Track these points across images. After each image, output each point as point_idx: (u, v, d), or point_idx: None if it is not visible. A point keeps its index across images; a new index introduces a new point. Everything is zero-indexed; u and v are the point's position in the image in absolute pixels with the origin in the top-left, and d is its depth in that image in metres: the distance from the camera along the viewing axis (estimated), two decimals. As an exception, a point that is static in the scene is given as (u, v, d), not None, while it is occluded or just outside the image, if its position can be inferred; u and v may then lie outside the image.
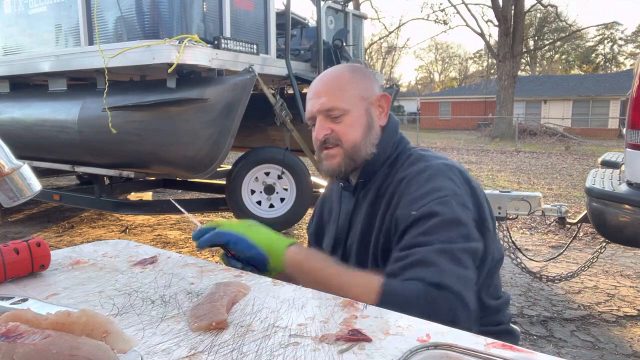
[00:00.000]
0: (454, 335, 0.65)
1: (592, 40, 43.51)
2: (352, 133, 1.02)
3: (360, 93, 1.04)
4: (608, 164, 3.33)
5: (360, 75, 1.07)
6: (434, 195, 0.92)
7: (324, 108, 1.03)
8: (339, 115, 1.02)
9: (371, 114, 1.05)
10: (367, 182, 1.07)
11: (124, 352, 0.56)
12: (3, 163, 0.76)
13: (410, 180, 0.97)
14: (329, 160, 1.05)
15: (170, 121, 3.23)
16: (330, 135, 1.03)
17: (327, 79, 1.07)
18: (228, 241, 0.95)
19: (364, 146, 1.03)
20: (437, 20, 27.83)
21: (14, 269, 0.87)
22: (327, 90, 1.04)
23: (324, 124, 1.03)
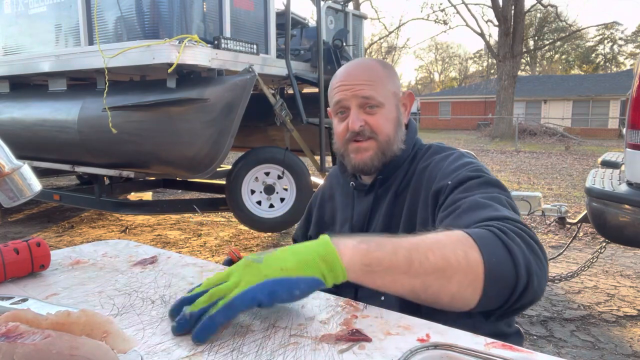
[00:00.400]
0: (454, 335, 0.65)
1: (592, 40, 43.55)
2: (386, 126, 1.00)
3: (392, 88, 1.03)
4: (608, 164, 3.33)
5: (390, 71, 1.05)
6: (466, 167, 0.92)
7: (361, 94, 0.98)
8: (375, 106, 0.99)
9: (400, 111, 1.04)
10: (387, 179, 1.04)
11: (124, 352, 0.56)
12: (3, 163, 0.76)
13: (437, 163, 0.97)
14: (361, 153, 1.01)
15: (170, 121, 3.23)
16: (364, 127, 0.99)
17: (362, 68, 1.02)
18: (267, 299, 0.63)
19: (395, 142, 1.01)
20: (437, 20, 27.85)
21: (14, 269, 0.87)
22: (364, 79, 0.99)
23: (359, 115, 0.99)
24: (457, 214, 0.81)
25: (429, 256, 0.67)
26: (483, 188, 0.86)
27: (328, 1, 4.60)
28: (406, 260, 0.66)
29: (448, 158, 0.97)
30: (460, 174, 0.90)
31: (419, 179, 0.99)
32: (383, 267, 0.66)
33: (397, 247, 0.67)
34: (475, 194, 0.84)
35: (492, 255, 0.68)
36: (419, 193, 0.97)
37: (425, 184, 0.97)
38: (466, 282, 0.68)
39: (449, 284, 0.68)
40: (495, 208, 0.80)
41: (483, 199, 0.82)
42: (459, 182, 0.89)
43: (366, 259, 0.66)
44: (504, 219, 0.76)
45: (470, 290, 0.68)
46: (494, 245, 0.70)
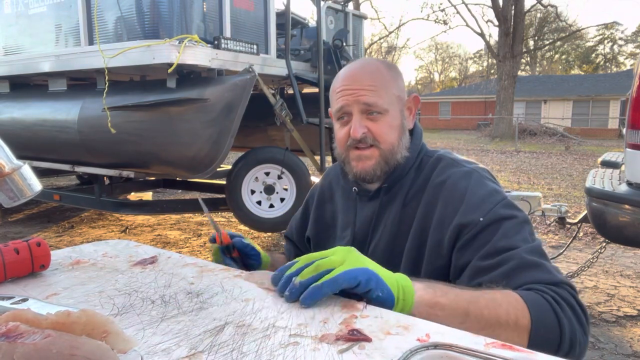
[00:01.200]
0: (454, 335, 0.65)
1: (592, 40, 43.56)
2: (390, 134, 0.95)
3: (397, 92, 0.98)
4: (608, 164, 3.33)
5: (395, 73, 0.99)
6: (493, 199, 0.89)
7: (363, 101, 0.94)
8: (378, 113, 0.94)
9: (405, 116, 1.00)
10: (392, 187, 1.00)
11: (124, 352, 0.56)
12: (3, 163, 0.76)
13: (457, 183, 0.92)
14: (363, 162, 0.96)
15: (170, 121, 3.23)
16: (367, 134, 0.95)
17: (366, 71, 0.96)
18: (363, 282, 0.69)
19: (399, 149, 0.97)
20: (437, 20, 27.81)
21: (14, 269, 0.87)
22: (368, 84, 0.94)
23: (361, 121, 0.95)
24: (506, 270, 0.82)
25: (484, 312, 0.73)
26: (521, 232, 0.86)
27: (328, 1, 4.60)
28: (464, 311, 0.73)
29: (469, 179, 0.93)
30: (493, 210, 0.87)
31: (434, 193, 0.94)
32: (444, 313, 0.73)
33: (458, 298, 0.74)
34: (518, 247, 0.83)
35: (541, 323, 0.75)
36: (433, 210, 0.93)
37: (443, 203, 0.92)
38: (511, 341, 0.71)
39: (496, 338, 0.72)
40: (547, 270, 0.82)
41: (531, 257, 0.82)
42: (493, 221, 0.86)
43: (432, 302, 0.73)
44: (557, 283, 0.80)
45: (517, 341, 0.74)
46: (545, 313, 0.75)
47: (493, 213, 0.87)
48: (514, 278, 0.81)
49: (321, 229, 1.14)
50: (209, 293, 0.82)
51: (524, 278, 0.80)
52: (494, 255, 0.83)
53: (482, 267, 0.84)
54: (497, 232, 0.85)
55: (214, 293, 0.81)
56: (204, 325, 0.69)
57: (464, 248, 0.87)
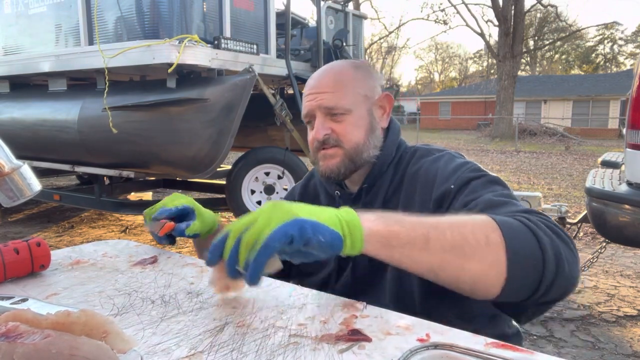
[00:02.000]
0: (454, 335, 0.65)
1: (592, 40, 43.57)
2: (354, 134, 0.96)
3: (363, 92, 0.98)
4: (608, 164, 3.33)
5: (363, 73, 1.00)
6: (462, 168, 0.90)
7: (324, 105, 0.96)
8: (341, 114, 0.96)
9: (373, 115, 1.00)
10: (372, 186, 1.00)
11: (124, 352, 0.56)
12: (3, 163, 0.76)
13: (429, 168, 0.94)
14: (327, 160, 0.97)
15: (170, 121, 3.23)
16: (330, 135, 0.96)
17: (329, 74, 0.99)
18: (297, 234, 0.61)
19: (365, 148, 0.97)
20: (437, 20, 27.87)
21: (14, 269, 0.87)
22: (329, 87, 0.96)
23: (324, 123, 0.96)
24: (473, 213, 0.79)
25: (447, 234, 0.67)
26: (489, 187, 0.85)
27: (328, 1, 4.60)
28: (424, 236, 0.67)
29: (440, 160, 0.94)
30: (461, 176, 0.88)
31: (411, 183, 0.95)
32: (400, 241, 0.66)
33: (415, 224, 0.68)
34: (485, 194, 0.82)
35: (516, 238, 0.68)
36: (413, 198, 0.94)
37: (420, 189, 0.93)
38: (487, 263, 0.67)
39: (468, 263, 0.67)
40: (513, 204, 0.79)
41: (496, 197, 0.80)
42: (463, 184, 0.86)
43: (385, 232, 0.66)
44: (528, 212, 0.75)
45: (494, 274, 0.67)
46: (518, 229, 0.69)
47: (462, 178, 0.87)
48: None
49: None
50: (209, 293, 0.82)
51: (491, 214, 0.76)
52: (461, 208, 0.82)
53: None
54: (465, 192, 0.85)
55: (214, 293, 0.81)
56: (204, 325, 0.69)
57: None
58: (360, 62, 1.05)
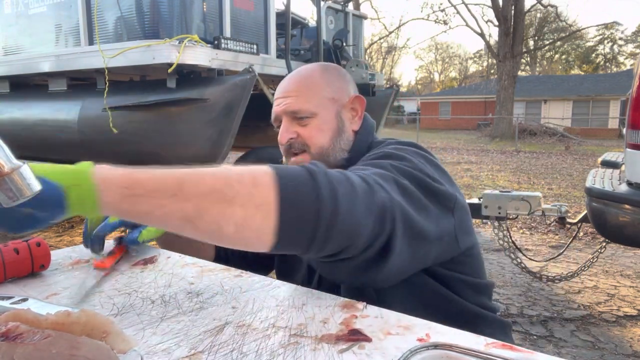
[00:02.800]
0: (454, 335, 0.65)
1: (592, 40, 43.59)
2: (319, 138, 0.95)
3: (330, 95, 0.97)
4: (608, 164, 3.33)
5: (331, 75, 1.00)
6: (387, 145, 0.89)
7: (289, 109, 0.96)
8: (306, 117, 0.95)
9: (342, 118, 0.98)
10: None
11: (124, 352, 0.56)
12: (3, 163, 0.76)
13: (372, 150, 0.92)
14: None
15: (170, 121, 3.23)
16: (295, 140, 0.95)
17: (295, 78, 0.99)
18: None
19: (332, 152, 0.96)
20: (437, 20, 27.88)
21: (14, 269, 0.87)
22: (294, 91, 0.96)
23: (289, 127, 0.96)
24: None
25: (205, 179, 0.60)
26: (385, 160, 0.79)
27: (328, 1, 4.60)
28: (176, 182, 0.59)
29: (384, 146, 0.91)
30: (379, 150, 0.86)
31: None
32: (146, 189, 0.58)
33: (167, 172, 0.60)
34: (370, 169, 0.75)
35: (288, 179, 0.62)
36: None
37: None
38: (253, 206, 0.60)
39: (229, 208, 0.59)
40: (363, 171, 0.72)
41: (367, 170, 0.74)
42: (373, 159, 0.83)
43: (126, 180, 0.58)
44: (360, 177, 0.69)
45: (260, 216, 0.60)
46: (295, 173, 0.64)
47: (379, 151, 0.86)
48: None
49: None
50: (209, 293, 0.82)
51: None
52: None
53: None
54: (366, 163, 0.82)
55: (214, 293, 0.82)
56: (204, 325, 0.69)
57: None
58: (330, 65, 1.04)
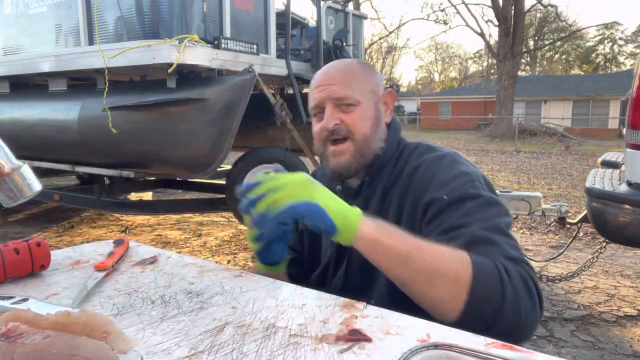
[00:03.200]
0: (454, 335, 0.65)
1: (592, 40, 43.59)
2: (363, 125, 0.98)
3: (370, 86, 1.02)
4: (608, 164, 3.33)
5: (369, 70, 1.05)
6: (461, 179, 0.90)
7: (335, 96, 0.98)
8: (350, 105, 0.98)
9: (379, 109, 1.03)
10: (373, 180, 1.02)
11: (124, 352, 0.56)
12: (3, 163, 0.76)
13: (430, 166, 0.95)
14: (338, 157, 0.99)
15: (170, 121, 3.23)
16: (340, 125, 0.97)
17: (338, 67, 1.03)
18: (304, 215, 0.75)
19: (373, 140, 0.99)
20: (437, 20, 27.86)
21: (14, 269, 0.87)
22: (340, 79, 0.99)
23: (333, 114, 0.98)
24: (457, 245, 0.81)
25: (425, 258, 0.76)
26: (482, 211, 0.86)
27: (328, 1, 4.60)
28: (405, 254, 0.76)
29: (442, 161, 0.95)
30: (457, 190, 0.88)
31: (408, 179, 0.97)
32: (386, 251, 0.76)
33: (403, 241, 0.77)
34: (473, 224, 0.83)
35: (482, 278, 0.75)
36: (406, 195, 0.95)
37: (414, 188, 0.94)
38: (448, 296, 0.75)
39: (432, 290, 0.76)
40: (499, 246, 0.81)
41: (484, 232, 0.82)
42: (457, 200, 0.87)
43: (377, 237, 0.77)
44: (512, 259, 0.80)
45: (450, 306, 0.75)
46: (489, 271, 0.76)
47: (457, 191, 0.88)
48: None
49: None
50: (209, 293, 0.82)
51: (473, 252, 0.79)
52: (448, 232, 0.84)
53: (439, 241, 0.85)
54: (458, 210, 0.86)
55: (214, 293, 0.82)
56: (204, 325, 0.69)
57: (427, 225, 0.90)
58: (363, 61, 1.11)
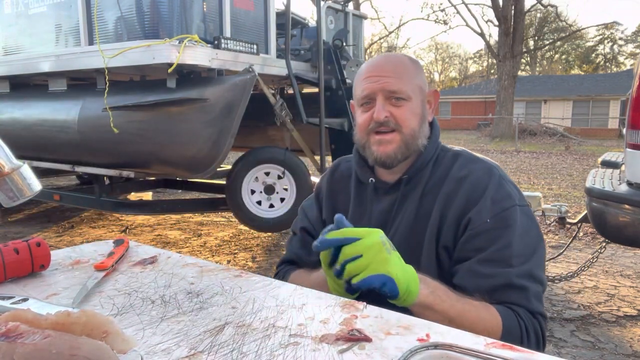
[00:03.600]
0: (454, 335, 0.65)
1: (592, 40, 43.54)
2: (412, 120, 0.99)
3: (419, 83, 1.02)
4: (608, 164, 3.33)
5: (418, 67, 1.05)
6: (505, 203, 0.95)
7: (388, 88, 0.98)
8: (402, 99, 0.98)
9: (425, 107, 1.04)
10: (411, 179, 1.03)
11: (124, 352, 0.56)
12: (3, 163, 0.76)
13: (480, 180, 0.97)
14: (384, 145, 0.99)
15: (170, 121, 3.23)
16: (389, 118, 0.98)
17: (391, 60, 1.03)
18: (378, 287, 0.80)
19: (419, 135, 1.01)
20: (437, 20, 27.84)
21: (14, 269, 0.87)
22: (393, 71, 0.99)
23: (384, 106, 0.98)
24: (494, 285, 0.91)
25: (464, 324, 0.83)
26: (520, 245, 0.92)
27: (328, 1, 4.59)
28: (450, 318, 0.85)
29: (490, 178, 0.98)
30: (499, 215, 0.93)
31: (454, 186, 0.98)
32: (435, 314, 0.85)
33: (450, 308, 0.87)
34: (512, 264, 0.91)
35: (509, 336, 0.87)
36: (451, 203, 0.97)
37: (461, 199, 0.97)
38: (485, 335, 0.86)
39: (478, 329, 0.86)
40: (526, 297, 0.91)
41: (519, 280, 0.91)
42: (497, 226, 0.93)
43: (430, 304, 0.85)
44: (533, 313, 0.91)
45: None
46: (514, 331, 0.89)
47: (500, 217, 0.93)
48: (498, 294, 0.91)
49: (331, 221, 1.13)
50: (209, 293, 0.82)
51: (505, 298, 0.91)
52: (490, 264, 0.92)
53: (477, 272, 0.92)
54: (498, 239, 0.92)
55: (214, 293, 0.82)
56: (204, 325, 0.69)
57: (465, 243, 0.94)
58: (414, 58, 1.08)
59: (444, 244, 0.97)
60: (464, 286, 0.92)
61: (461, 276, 0.94)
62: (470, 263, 0.93)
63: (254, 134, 5.00)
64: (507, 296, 0.91)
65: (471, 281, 0.92)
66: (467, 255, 0.94)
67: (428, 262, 0.98)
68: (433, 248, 0.98)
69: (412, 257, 0.97)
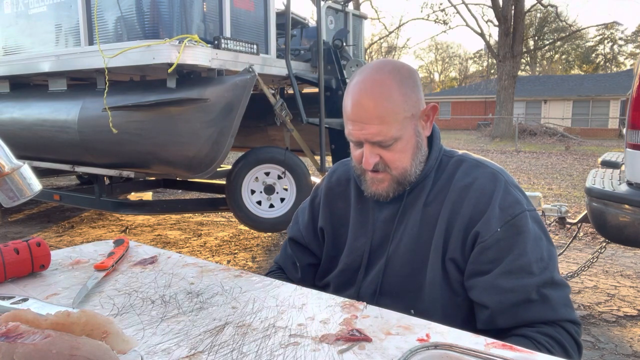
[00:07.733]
0: (454, 335, 0.65)
1: (592, 40, 43.54)
2: (402, 160, 0.97)
3: (409, 112, 0.95)
4: (608, 164, 3.33)
5: (407, 88, 0.95)
6: (513, 210, 0.93)
7: (372, 140, 0.94)
8: (390, 145, 0.95)
9: (419, 131, 0.99)
10: (414, 189, 1.01)
11: (124, 353, 0.56)
12: (3, 163, 0.76)
13: (486, 185, 0.95)
14: (376, 185, 0.99)
15: (170, 121, 3.23)
16: (379, 162, 0.97)
17: (375, 99, 0.93)
18: None
19: (412, 169, 0.99)
20: (437, 20, 27.78)
21: (14, 269, 0.87)
22: (376, 117, 0.92)
23: (372, 151, 0.96)
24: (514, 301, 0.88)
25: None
26: (535, 249, 0.90)
27: (328, 1, 4.59)
28: None
29: (496, 184, 0.95)
30: (509, 223, 0.91)
31: (461, 194, 0.96)
32: None
33: None
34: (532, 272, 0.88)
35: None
36: (460, 208, 0.95)
37: (467, 209, 0.94)
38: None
39: None
40: (550, 307, 0.88)
41: (541, 291, 0.88)
42: (508, 235, 0.90)
43: None
44: (559, 321, 0.88)
45: None
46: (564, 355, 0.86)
47: (510, 224, 0.91)
48: (521, 311, 0.88)
49: (337, 224, 1.12)
50: (209, 293, 0.82)
51: (529, 314, 0.88)
52: (511, 277, 0.89)
53: (498, 287, 0.89)
54: (512, 248, 0.90)
55: (214, 293, 0.82)
56: (204, 325, 0.69)
57: (479, 255, 0.92)
58: (403, 73, 0.96)
59: (450, 255, 0.94)
60: (483, 302, 0.90)
61: (480, 292, 0.91)
62: (489, 278, 0.90)
63: (254, 134, 5.00)
64: (532, 312, 0.88)
65: (492, 298, 0.89)
66: (481, 268, 0.91)
67: (434, 273, 0.95)
68: (439, 259, 0.95)
69: (417, 267, 0.97)
